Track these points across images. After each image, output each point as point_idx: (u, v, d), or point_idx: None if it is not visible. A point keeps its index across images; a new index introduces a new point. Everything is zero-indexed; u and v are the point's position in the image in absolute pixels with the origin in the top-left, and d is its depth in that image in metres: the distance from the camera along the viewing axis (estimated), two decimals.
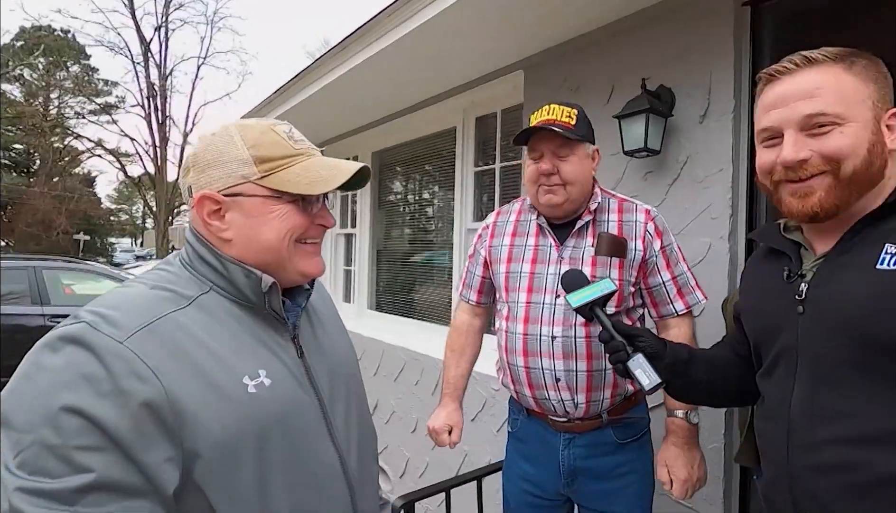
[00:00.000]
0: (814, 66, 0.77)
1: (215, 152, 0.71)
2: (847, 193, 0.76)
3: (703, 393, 1.04)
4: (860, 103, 0.75)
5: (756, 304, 0.93)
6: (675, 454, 1.25)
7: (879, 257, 0.72)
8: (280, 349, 0.73)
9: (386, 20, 2.34)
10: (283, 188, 0.70)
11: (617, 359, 0.94)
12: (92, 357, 0.57)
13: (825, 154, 0.75)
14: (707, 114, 1.80)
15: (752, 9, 1.74)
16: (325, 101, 3.25)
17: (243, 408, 0.64)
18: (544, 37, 2.26)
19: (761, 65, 1.75)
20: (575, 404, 1.27)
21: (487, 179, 2.99)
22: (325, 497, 0.72)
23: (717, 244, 1.78)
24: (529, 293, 1.33)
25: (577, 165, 1.27)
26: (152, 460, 0.57)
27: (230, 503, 0.62)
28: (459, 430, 1.47)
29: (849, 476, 0.71)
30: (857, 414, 0.72)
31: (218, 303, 0.70)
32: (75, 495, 0.53)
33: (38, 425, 0.54)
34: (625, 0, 1.93)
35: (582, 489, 1.32)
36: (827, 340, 0.76)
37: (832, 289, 0.77)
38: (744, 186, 1.76)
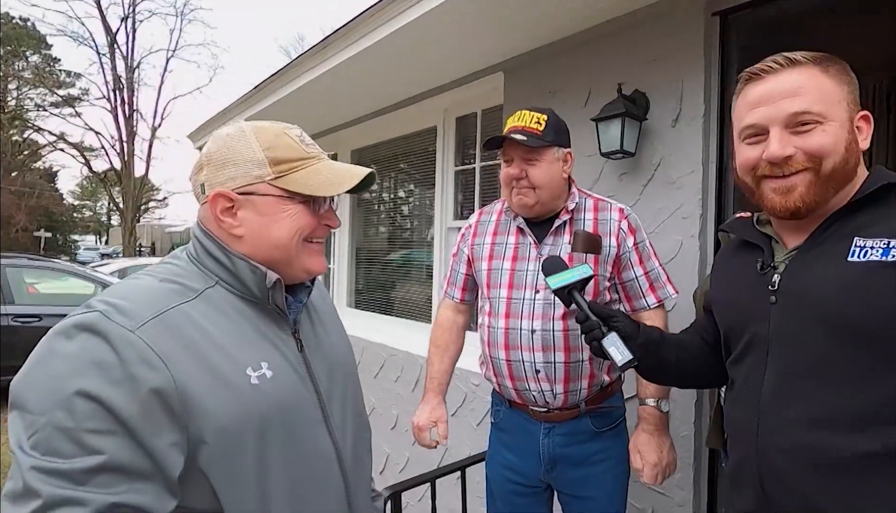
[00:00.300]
0: (796, 67, 0.81)
1: (231, 152, 0.74)
2: (826, 190, 0.79)
3: (673, 374, 1.08)
4: (838, 104, 0.79)
5: (728, 294, 0.97)
6: (646, 440, 1.32)
7: (850, 250, 0.76)
8: (281, 343, 0.76)
9: (369, 20, 2.36)
10: (296, 189, 0.74)
11: (592, 337, 0.98)
12: (104, 345, 0.59)
13: (808, 151, 0.78)
14: (679, 118, 1.89)
15: (720, 19, 1.83)
16: (305, 98, 3.24)
17: (246, 398, 0.67)
18: (524, 40, 2.32)
19: (729, 72, 1.85)
20: (554, 394, 1.33)
21: (467, 178, 3.04)
22: (321, 486, 0.75)
23: (688, 242, 1.86)
24: (510, 289, 1.38)
25: (545, 169, 1.32)
26: (159, 444, 0.59)
27: (231, 488, 0.64)
28: (445, 424, 1.52)
29: (812, 457, 0.75)
30: (825, 398, 0.76)
31: (223, 297, 0.73)
32: (86, 476, 0.55)
33: (52, 408, 0.56)
34: (601, 7, 2.00)
35: (561, 476, 1.38)
36: (799, 328, 0.80)
37: (805, 280, 0.80)
38: (713, 187, 1.85)
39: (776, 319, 0.83)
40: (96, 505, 0.55)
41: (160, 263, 0.77)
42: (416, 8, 2.12)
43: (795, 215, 0.81)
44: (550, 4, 1.98)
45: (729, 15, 1.82)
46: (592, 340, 0.99)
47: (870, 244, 0.75)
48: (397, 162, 3.72)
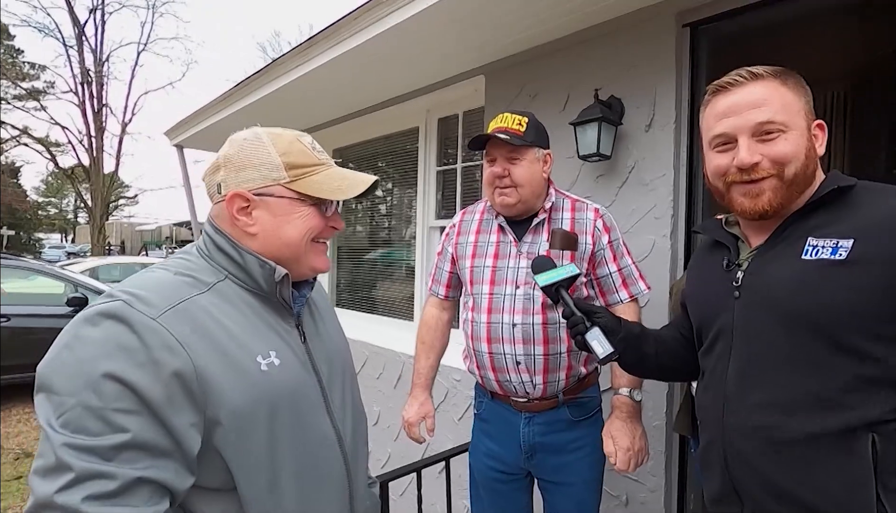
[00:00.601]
0: (759, 80, 0.87)
1: (249, 155, 0.79)
2: (790, 193, 0.86)
3: (653, 367, 1.14)
4: (797, 114, 0.86)
5: (699, 290, 1.05)
6: (619, 427, 1.39)
7: (804, 249, 0.83)
8: (286, 334, 0.81)
9: (353, 22, 2.39)
10: (310, 192, 0.80)
11: (576, 331, 1.04)
12: (128, 331, 0.63)
13: (773, 158, 0.85)
14: (652, 123, 1.98)
15: (690, 30, 1.93)
16: (287, 97, 3.25)
17: (257, 383, 0.72)
18: (505, 44, 2.39)
19: (698, 80, 1.95)
20: (534, 384, 1.40)
21: (449, 178, 3.10)
22: (325, 467, 0.81)
23: (661, 241, 1.96)
24: (492, 285, 1.44)
25: (527, 168, 1.39)
26: (180, 424, 0.64)
27: (244, 467, 0.69)
28: (432, 418, 1.58)
29: (769, 438, 0.82)
30: (780, 384, 0.82)
31: (233, 290, 0.78)
32: (113, 452, 0.60)
33: (80, 390, 0.60)
34: (579, 16, 2.08)
35: (540, 463, 1.45)
36: (758, 321, 0.86)
37: (763, 276, 0.87)
38: (684, 190, 1.95)
39: (739, 313, 0.90)
40: (123, 479, 0.59)
41: (172, 257, 0.82)
42: (402, 12, 2.16)
43: (763, 217, 0.88)
44: (531, 11, 2.05)
45: (698, 27, 1.92)
46: (577, 335, 1.05)
47: (821, 244, 0.81)
48: (379, 161, 3.75)
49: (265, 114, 3.64)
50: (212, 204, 0.83)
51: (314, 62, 2.75)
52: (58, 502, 0.57)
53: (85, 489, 0.57)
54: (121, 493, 0.59)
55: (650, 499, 1.97)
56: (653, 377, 1.33)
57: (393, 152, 3.53)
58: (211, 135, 4.31)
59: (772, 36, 2.47)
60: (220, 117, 3.78)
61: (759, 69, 0.88)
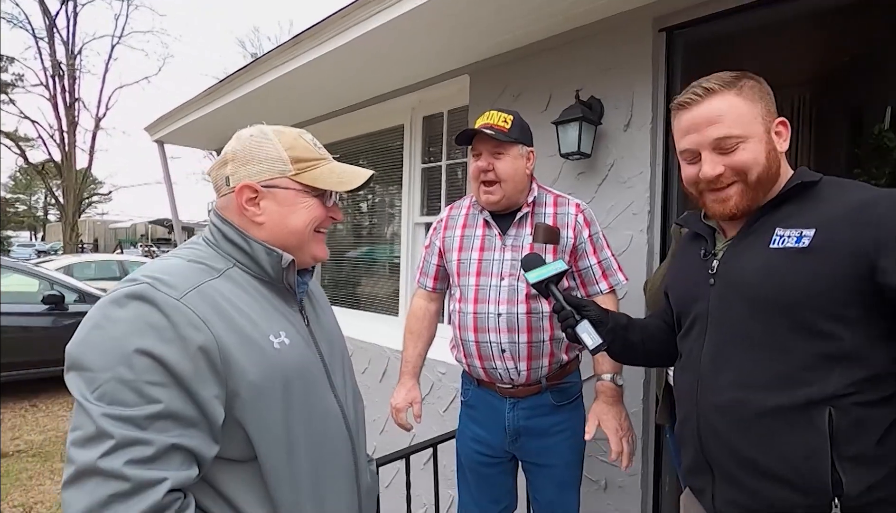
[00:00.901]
0: (713, 96, 0.93)
1: (256, 150, 0.84)
2: (755, 194, 0.93)
3: (639, 354, 1.21)
4: (753, 121, 0.92)
5: (679, 278, 1.13)
6: (605, 410, 1.47)
7: (772, 239, 0.89)
8: (292, 317, 0.87)
9: (340, 21, 2.43)
10: (313, 184, 0.86)
11: (567, 325, 1.10)
12: (156, 310, 0.69)
13: (734, 168, 0.92)
14: (630, 124, 2.07)
15: (666, 35, 2.02)
16: (273, 94, 3.26)
17: (271, 359, 0.77)
18: (489, 45, 2.45)
19: (674, 82, 2.04)
20: (518, 371, 1.47)
21: (434, 175, 3.15)
22: (333, 438, 0.87)
23: (638, 236, 2.05)
24: (478, 277, 1.51)
25: (510, 163, 1.46)
26: (206, 395, 0.69)
27: (263, 437, 0.75)
28: (419, 405, 1.64)
29: (738, 412, 0.89)
30: (747, 363, 0.89)
31: (241, 277, 0.83)
32: (147, 421, 0.65)
33: (114, 364, 0.65)
34: (560, 19, 2.15)
35: (524, 446, 1.52)
36: (729, 306, 0.94)
37: (735, 265, 0.95)
38: (660, 187, 2.04)
39: (713, 299, 0.97)
40: (158, 445, 0.65)
41: (181, 246, 0.86)
42: (388, 12, 2.21)
43: (733, 218, 0.97)
44: (512, 15, 2.11)
45: (674, 32, 2.01)
46: (567, 328, 1.11)
47: (787, 233, 0.88)
48: (365, 158, 3.79)
49: (249, 110, 3.65)
50: (218, 197, 0.88)
51: (300, 60, 2.78)
52: (101, 466, 0.61)
53: (126, 455, 0.62)
54: (157, 458, 0.64)
55: (628, 483, 2.06)
56: (639, 364, 1.40)
57: (378, 149, 3.56)
58: (193, 131, 4.28)
59: (742, 42, 2.60)
60: (204, 113, 3.76)
61: (713, 84, 0.94)
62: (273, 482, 0.76)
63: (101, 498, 0.61)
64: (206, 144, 5.12)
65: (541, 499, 1.55)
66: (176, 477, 0.65)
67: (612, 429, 1.43)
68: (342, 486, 0.88)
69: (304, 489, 0.80)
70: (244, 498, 0.75)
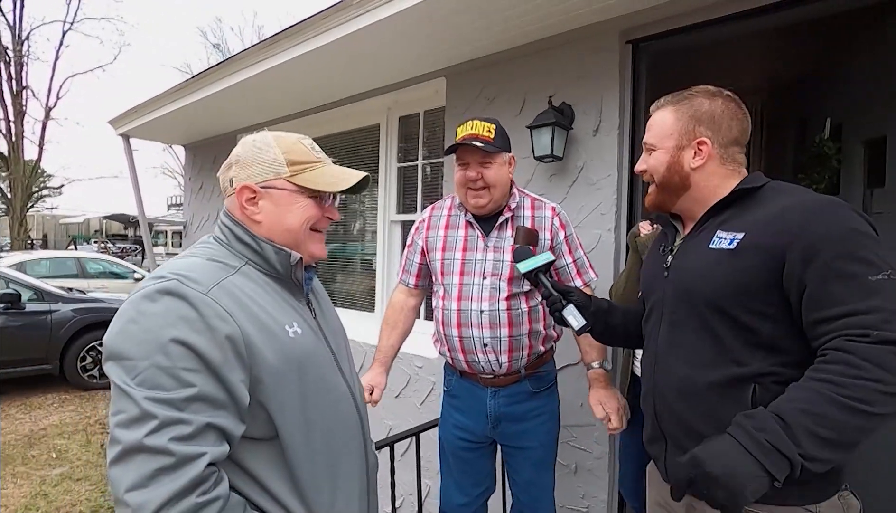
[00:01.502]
0: (659, 109, 1.13)
1: (257, 154, 0.92)
2: (663, 196, 1.12)
3: (620, 335, 1.34)
4: (668, 137, 1.09)
5: (647, 268, 1.26)
6: (604, 394, 1.58)
7: (711, 239, 1.01)
8: (301, 309, 0.95)
9: (319, 23, 2.47)
10: (308, 185, 0.92)
11: (554, 309, 1.23)
12: (186, 304, 0.76)
13: (649, 170, 1.13)
14: (599, 129, 2.20)
15: (633, 46, 2.16)
16: (248, 91, 3.26)
17: (287, 347, 0.85)
18: (466, 50, 2.54)
19: (639, 91, 2.19)
20: (499, 363, 1.57)
21: (410, 174, 3.22)
22: (344, 418, 0.95)
23: (606, 235, 2.19)
24: (462, 276, 1.60)
25: (497, 171, 1.56)
26: (234, 380, 0.77)
27: (283, 416, 0.83)
28: (381, 390, 1.68)
29: (684, 387, 1.02)
30: (691, 345, 1.02)
31: (254, 273, 0.90)
32: (184, 403, 0.72)
33: (152, 353, 0.72)
34: (533, 29, 2.26)
35: (504, 431, 1.63)
36: (677, 296, 1.07)
37: (682, 261, 1.08)
38: (626, 189, 2.19)
39: (667, 289, 1.11)
40: (196, 424, 0.72)
41: (194, 246, 0.93)
42: (369, 15, 2.26)
43: (658, 209, 1.17)
44: (492, 20, 2.20)
45: (639, 44, 2.15)
46: (555, 312, 1.23)
47: (724, 235, 0.99)
48: (341, 157, 3.81)
49: (223, 106, 3.63)
50: (225, 198, 0.95)
51: (277, 59, 2.80)
52: (147, 444, 0.68)
53: (169, 432, 0.69)
54: (196, 435, 0.71)
55: (596, 466, 2.21)
56: (619, 344, 1.54)
57: (354, 148, 3.60)
58: (163, 125, 4.21)
59: (702, 55, 2.79)
60: (175, 108, 3.71)
61: (663, 100, 1.15)
62: (293, 459, 0.83)
63: (149, 472, 0.68)
64: (177, 139, 5.03)
65: (519, 480, 1.66)
66: (213, 452, 0.73)
67: (613, 409, 1.56)
68: (353, 462, 0.96)
69: (320, 465, 0.87)
70: (267, 473, 0.82)
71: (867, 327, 0.81)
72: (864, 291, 0.83)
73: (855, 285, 0.84)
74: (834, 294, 0.85)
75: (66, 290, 5.83)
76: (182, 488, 0.68)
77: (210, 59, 22.76)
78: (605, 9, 2.06)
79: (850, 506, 0.96)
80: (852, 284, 0.84)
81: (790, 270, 0.89)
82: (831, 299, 0.85)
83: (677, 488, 0.87)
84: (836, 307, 0.84)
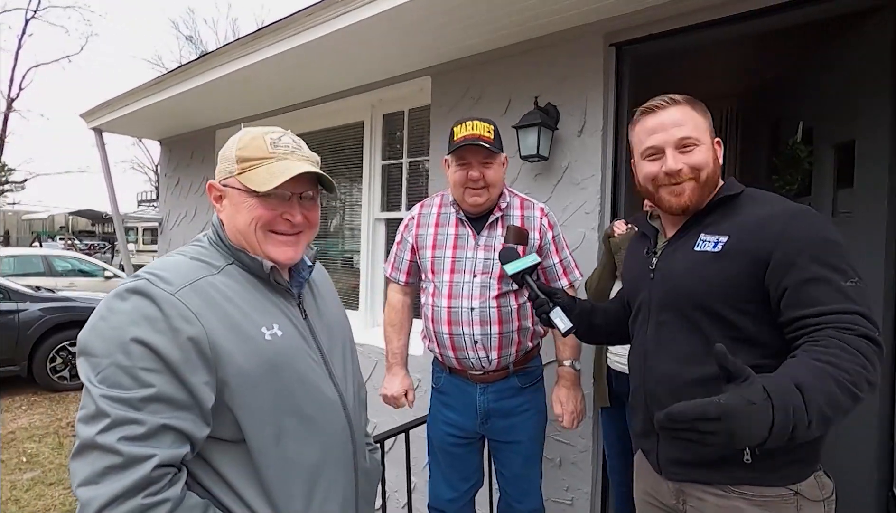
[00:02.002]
0: (677, 105, 1.09)
1: (226, 150, 0.91)
2: (703, 193, 1.07)
3: (603, 334, 1.38)
4: (705, 131, 1.08)
5: (630, 271, 1.29)
6: (565, 393, 1.64)
7: (696, 242, 1.06)
8: (288, 311, 0.92)
9: (304, 19, 2.44)
10: (246, 184, 0.87)
11: (541, 311, 1.25)
12: (151, 304, 0.75)
13: (692, 166, 1.06)
14: (583, 130, 2.25)
15: (616, 50, 2.21)
16: (229, 86, 3.20)
17: (260, 349, 0.83)
18: (452, 50, 2.55)
19: (622, 93, 2.24)
20: (489, 359, 1.60)
21: (394, 172, 3.22)
22: (329, 425, 0.91)
23: (590, 234, 2.24)
24: (452, 274, 1.62)
25: (497, 171, 1.59)
26: (196, 382, 0.75)
27: (251, 420, 0.80)
28: (413, 391, 1.76)
29: (671, 381, 1.06)
30: (679, 343, 1.06)
31: (239, 273, 0.89)
32: (141, 403, 0.72)
33: (113, 351, 0.72)
34: (518, 30, 2.28)
35: (493, 426, 1.66)
36: (664, 296, 1.10)
37: (668, 263, 1.12)
38: (609, 189, 2.24)
39: (654, 290, 1.14)
40: (150, 425, 0.71)
41: (186, 246, 0.92)
42: (355, 14, 2.25)
43: (685, 211, 1.10)
44: (479, 20, 2.22)
45: (623, 47, 2.20)
46: (542, 313, 1.26)
47: (708, 239, 1.04)
48: (324, 154, 3.78)
49: (202, 101, 3.56)
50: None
51: (260, 54, 2.76)
52: (99, 441, 0.69)
53: (119, 432, 0.69)
54: (149, 436, 0.71)
55: (580, 459, 2.26)
56: (602, 343, 1.58)
57: (338, 145, 3.58)
58: (138, 120, 4.11)
59: (682, 59, 2.86)
60: (152, 102, 3.62)
61: (677, 97, 1.11)
62: (261, 463, 0.81)
63: (99, 469, 0.68)
64: (153, 134, 4.91)
65: (507, 474, 1.69)
66: (165, 454, 0.72)
67: (569, 410, 1.65)
68: (337, 470, 0.92)
69: (293, 471, 0.84)
70: (236, 476, 0.81)
71: (849, 324, 0.87)
72: (840, 295, 0.90)
73: (832, 289, 0.91)
74: (812, 296, 0.91)
75: (34, 288, 5.64)
76: (127, 489, 0.68)
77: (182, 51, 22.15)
78: (590, 12, 2.10)
79: (824, 485, 1.02)
80: (829, 288, 0.91)
81: (772, 273, 0.95)
82: (810, 299, 0.91)
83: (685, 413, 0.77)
84: (815, 307, 0.91)
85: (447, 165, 1.65)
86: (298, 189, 0.91)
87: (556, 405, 1.64)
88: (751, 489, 1.00)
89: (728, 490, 1.02)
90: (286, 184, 0.86)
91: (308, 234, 0.96)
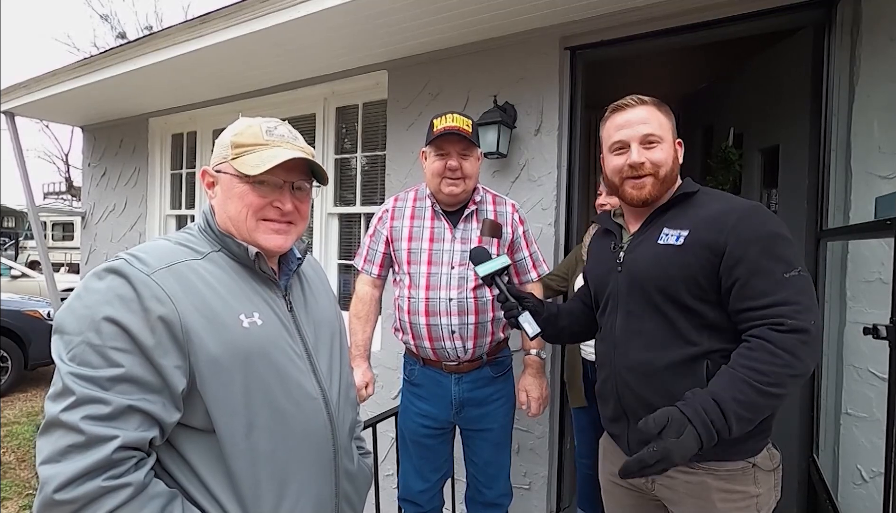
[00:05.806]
0: (645, 105, 1.18)
1: (221, 137, 0.90)
2: (662, 188, 1.17)
3: (566, 335, 1.45)
4: (668, 131, 1.18)
5: (595, 266, 1.36)
6: (531, 381, 1.72)
7: (659, 236, 1.14)
8: (272, 302, 0.90)
9: (258, 6, 2.35)
10: (239, 169, 0.87)
11: (510, 315, 1.30)
12: (126, 284, 0.75)
13: (653, 161, 1.16)
14: (540, 129, 2.33)
15: (571, 53, 2.32)
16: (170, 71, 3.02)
17: (235, 337, 0.81)
18: (409, 45, 2.55)
19: (576, 95, 2.34)
20: (465, 349, 1.64)
21: (347, 166, 3.18)
22: (307, 421, 0.88)
23: (546, 229, 2.33)
24: (429, 266, 1.65)
25: (473, 164, 1.64)
26: (166, 365, 0.74)
27: (221, 409, 0.78)
28: (373, 384, 1.75)
29: (643, 369, 1.13)
30: (646, 331, 1.14)
31: (225, 260, 0.88)
32: (109, 383, 0.71)
33: (85, 330, 0.72)
34: (473, 30, 2.33)
35: (467, 415, 1.70)
36: (631, 288, 1.18)
37: (634, 255, 1.20)
38: (564, 186, 2.34)
39: (621, 283, 1.22)
40: (115, 405, 0.70)
41: (177, 231, 0.91)
42: (311, 4, 2.20)
43: (645, 204, 1.19)
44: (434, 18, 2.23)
45: (577, 50, 2.31)
46: (510, 317, 1.31)
47: (670, 232, 1.14)
48: None
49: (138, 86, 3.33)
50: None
51: (207, 39, 2.63)
52: (61, 419, 0.68)
53: (83, 410, 0.68)
54: (114, 417, 0.70)
55: (537, 445, 2.36)
56: (566, 342, 1.66)
57: None
58: (60, 103, 3.77)
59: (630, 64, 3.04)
60: (78, 85, 3.33)
61: (645, 98, 1.21)
62: (230, 457, 0.78)
63: (61, 447, 0.68)
64: (76, 120, 4.51)
65: (478, 461, 1.74)
66: (129, 436, 0.70)
67: (535, 398, 1.72)
68: (314, 469, 0.89)
69: (263, 468, 0.81)
70: (204, 466, 0.78)
71: (783, 317, 0.98)
72: (780, 286, 1.01)
73: (773, 281, 1.01)
74: (757, 287, 1.02)
75: None
76: (87, 469, 0.67)
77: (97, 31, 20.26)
78: (546, 16, 2.19)
79: (774, 456, 1.14)
80: (771, 279, 1.01)
81: (725, 264, 1.05)
82: (755, 292, 1.02)
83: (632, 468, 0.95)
84: (759, 299, 1.01)
85: (424, 157, 1.67)
86: (291, 177, 0.90)
87: (521, 394, 1.71)
88: (717, 465, 1.10)
89: (696, 467, 1.11)
90: (278, 171, 0.86)
91: (299, 225, 0.95)
